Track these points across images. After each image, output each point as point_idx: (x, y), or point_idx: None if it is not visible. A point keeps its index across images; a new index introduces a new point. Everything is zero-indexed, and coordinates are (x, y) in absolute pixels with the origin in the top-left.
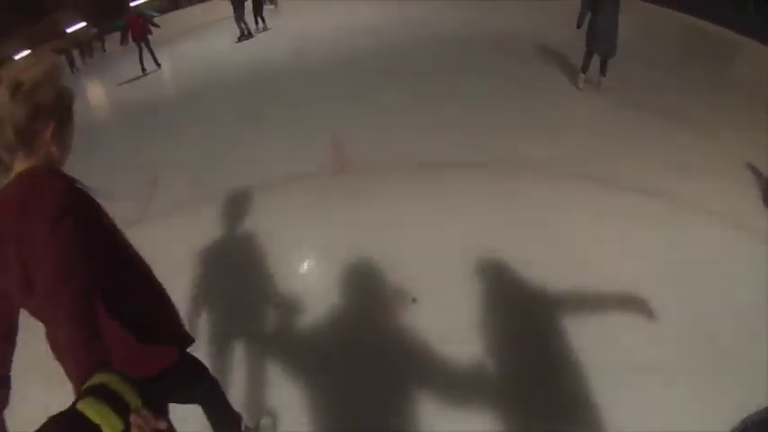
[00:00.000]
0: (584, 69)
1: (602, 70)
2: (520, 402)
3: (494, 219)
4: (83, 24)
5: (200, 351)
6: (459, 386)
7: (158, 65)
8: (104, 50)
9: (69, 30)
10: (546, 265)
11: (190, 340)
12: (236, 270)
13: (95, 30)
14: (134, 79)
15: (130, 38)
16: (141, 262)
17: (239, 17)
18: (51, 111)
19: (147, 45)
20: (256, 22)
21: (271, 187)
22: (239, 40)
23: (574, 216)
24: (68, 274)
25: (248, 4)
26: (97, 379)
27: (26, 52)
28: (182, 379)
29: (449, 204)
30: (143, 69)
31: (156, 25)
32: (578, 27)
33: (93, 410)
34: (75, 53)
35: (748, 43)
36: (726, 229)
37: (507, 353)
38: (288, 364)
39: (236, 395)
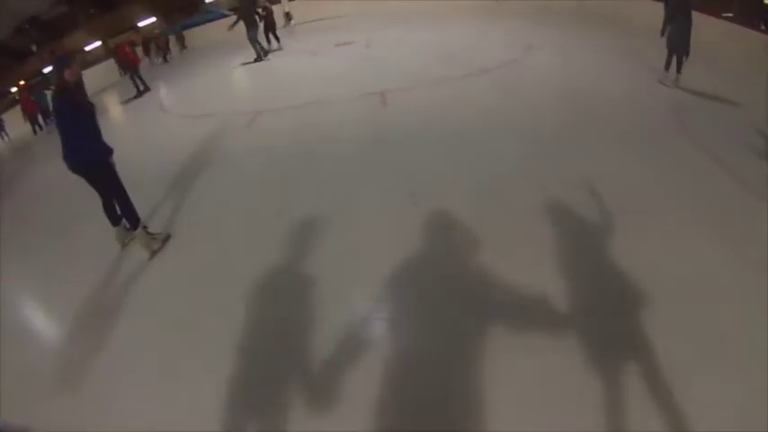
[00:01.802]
0: (667, 68)
1: (678, 68)
2: None
3: None
4: (153, 19)
5: None
6: None
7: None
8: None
9: (141, 24)
10: None
11: None
12: None
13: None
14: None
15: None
16: None
17: (252, 38)
18: None
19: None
20: (268, 41)
21: None
22: (255, 61)
23: None
24: None
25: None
26: None
27: (97, 44)
28: None
29: None
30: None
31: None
32: (662, 35)
33: None
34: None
35: None
36: None
37: None
38: None
39: None
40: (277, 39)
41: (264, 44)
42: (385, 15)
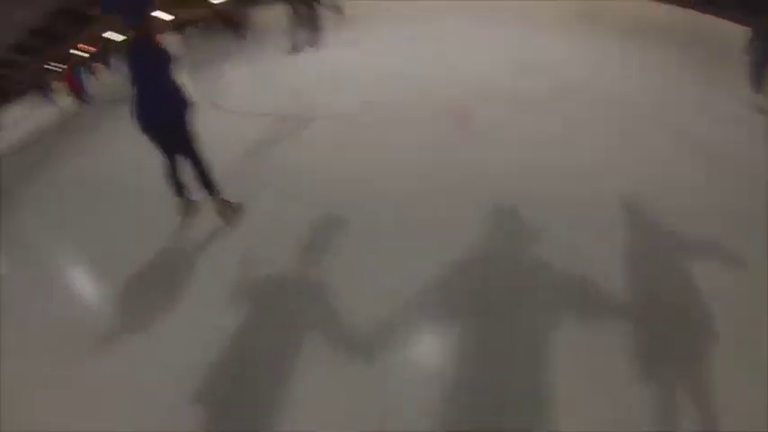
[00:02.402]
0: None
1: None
2: None
3: None
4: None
5: None
6: None
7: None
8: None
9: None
10: None
11: None
12: None
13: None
14: None
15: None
16: None
17: (294, 28)
18: None
19: None
20: (312, 31)
21: None
22: (292, 52)
23: None
24: None
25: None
26: None
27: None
28: None
29: None
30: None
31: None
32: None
33: None
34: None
35: None
36: None
37: None
38: None
39: None
40: (320, 29)
41: (307, 35)
42: (451, 8)
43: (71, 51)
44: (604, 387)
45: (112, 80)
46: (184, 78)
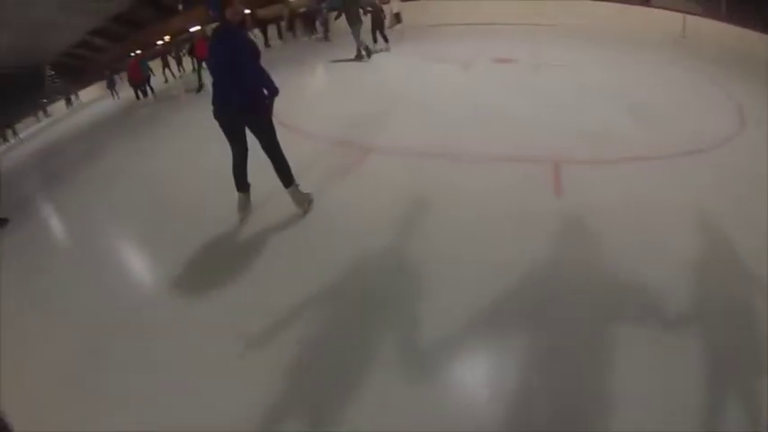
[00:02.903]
0: None
1: None
2: None
3: None
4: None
5: None
6: None
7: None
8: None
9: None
10: None
11: None
12: None
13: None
14: None
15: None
16: None
17: (355, 34)
18: None
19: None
20: (375, 40)
21: None
22: (355, 58)
23: None
24: None
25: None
26: None
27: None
28: None
29: None
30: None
31: None
32: None
33: None
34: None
35: None
36: None
37: None
38: None
39: None
40: (385, 39)
41: (370, 44)
42: (539, 28)
43: (156, 41)
44: (669, 399)
45: (182, 75)
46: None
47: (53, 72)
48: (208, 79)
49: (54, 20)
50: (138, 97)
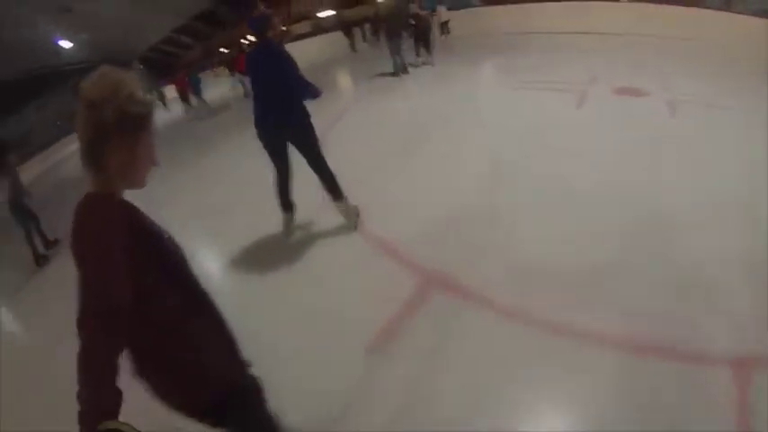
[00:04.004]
0: None
1: None
2: None
3: None
4: (332, 12)
5: None
6: None
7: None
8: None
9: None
10: None
11: (237, 383)
12: None
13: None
14: None
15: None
16: (200, 305)
17: (395, 49)
18: (112, 130)
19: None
20: (418, 54)
21: None
22: (393, 75)
23: None
24: (91, 303)
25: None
26: (103, 426)
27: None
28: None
29: None
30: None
31: None
32: None
33: None
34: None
35: None
36: None
37: None
38: None
39: None
40: (428, 50)
41: (410, 58)
42: (647, 41)
43: (240, 40)
44: None
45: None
46: None
47: (141, 66)
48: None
49: (131, 17)
50: (187, 106)
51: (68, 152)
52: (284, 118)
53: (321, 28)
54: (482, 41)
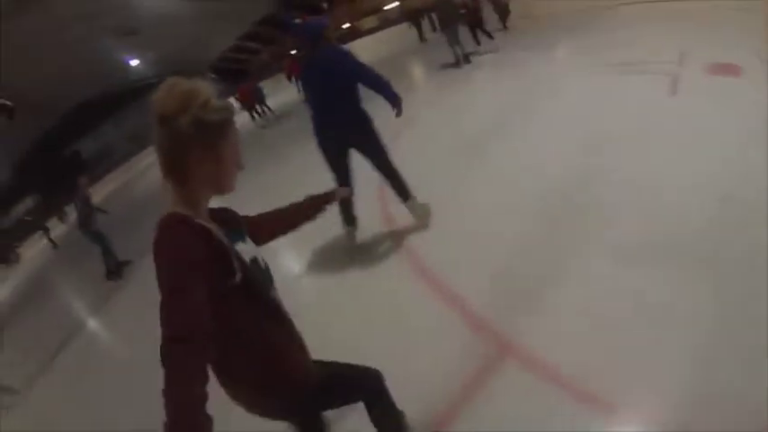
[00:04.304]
0: None
1: None
2: None
3: None
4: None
5: None
6: None
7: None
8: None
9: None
10: None
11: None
12: None
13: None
14: None
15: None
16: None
17: (453, 39)
18: (190, 141)
19: None
20: (478, 42)
21: None
22: (455, 65)
23: None
24: (171, 330)
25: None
26: None
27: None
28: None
29: None
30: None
31: None
32: None
33: None
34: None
35: None
36: None
37: None
38: None
39: None
40: (488, 35)
41: (466, 47)
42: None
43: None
44: None
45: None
46: None
47: (214, 76)
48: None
49: (195, 31)
50: (252, 117)
51: (143, 167)
52: (346, 125)
53: (388, 21)
54: (550, 22)
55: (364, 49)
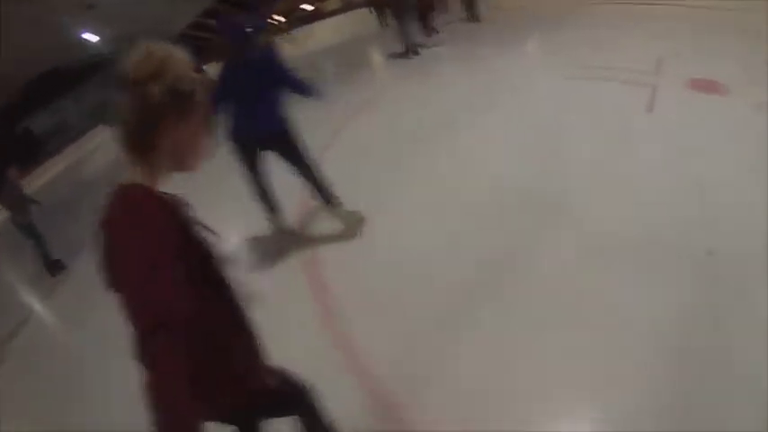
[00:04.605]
0: None
1: None
2: None
3: None
4: None
5: None
6: None
7: None
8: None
9: None
10: None
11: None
12: None
13: None
14: None
15: None
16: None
17: (404, 28)
18: (161, 109)
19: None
20: (429, 33)
21: None
22: (403, 56)
23: None
24: (152, 319)
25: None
26: None
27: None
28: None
29: None
30: None
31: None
32: None
33: None
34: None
35: None
36: None
37: None
38: None
39: None
40: (431, 29)
41: (416, 38)
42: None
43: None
44: None
45: None
46: None
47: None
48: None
49: (155, 7)
50: None
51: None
52: (269, 128)
53: (352, 4)
54: (522, 15)
55: (324, 32)
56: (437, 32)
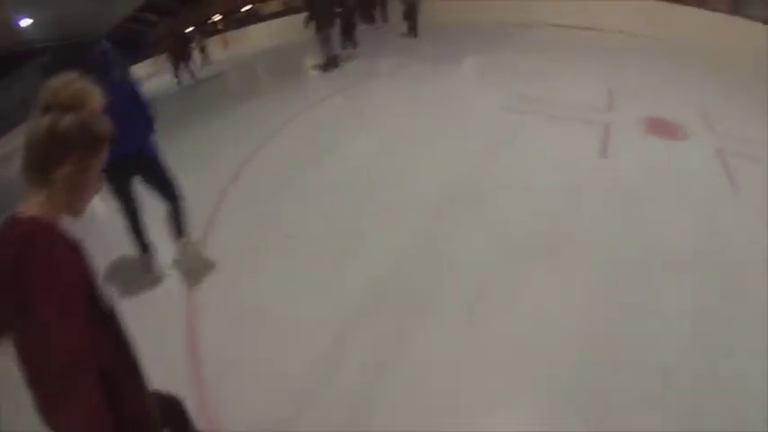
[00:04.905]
0: None
1: None
2: None
3: None
4: None
5: None
6: None
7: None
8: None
9: None
10: None
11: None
12: None
13: None
14: None
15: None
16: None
17: (324, 40)
18: (66, 140)
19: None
20: (344, 46)
21: None
22: (324, 69)
23: None
24: (61, 358)
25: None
26: None
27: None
28: None
29: None
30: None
31: None
32: None
33: None
34: None
35: None
36: None
37: None
38: None
39: None
40: (353, 43)
41: (336, 49)
42: (659, 44)
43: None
44: None
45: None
46: None
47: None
48: None
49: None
50: (176, 76)
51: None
52: (138, 152)
53: (292, 8)
54: (463, 32)
55: (259, 37)
56: (357, 46)
